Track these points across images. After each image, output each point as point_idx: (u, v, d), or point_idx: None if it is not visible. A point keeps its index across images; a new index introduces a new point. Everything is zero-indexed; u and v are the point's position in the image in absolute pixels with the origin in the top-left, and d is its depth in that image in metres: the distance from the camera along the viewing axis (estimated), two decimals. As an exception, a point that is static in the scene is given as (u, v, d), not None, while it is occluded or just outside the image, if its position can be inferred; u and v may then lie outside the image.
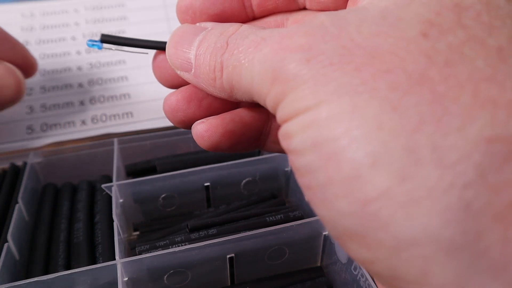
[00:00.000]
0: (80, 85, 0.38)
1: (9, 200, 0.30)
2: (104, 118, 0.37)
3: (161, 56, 0.21)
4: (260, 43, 0.15)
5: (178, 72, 0.19)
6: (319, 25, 0.14)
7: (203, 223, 0.27)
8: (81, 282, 0.23)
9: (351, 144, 0.12)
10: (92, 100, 0.37)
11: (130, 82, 0.39)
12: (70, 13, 0.42)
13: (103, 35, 0.23)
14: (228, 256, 0.25)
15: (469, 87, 0.12)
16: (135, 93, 0.38)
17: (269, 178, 0.32)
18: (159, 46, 0.21)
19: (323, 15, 0.14)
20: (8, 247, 0.25)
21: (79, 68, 0.39)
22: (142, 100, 0.38)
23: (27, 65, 0.29)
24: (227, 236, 0.25)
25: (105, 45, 0.23)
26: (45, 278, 0.22)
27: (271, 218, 0.28)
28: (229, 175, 0.31)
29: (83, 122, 0.36)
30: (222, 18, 0.20)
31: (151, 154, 0.34)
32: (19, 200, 0.28)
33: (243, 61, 0.15)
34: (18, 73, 0.26)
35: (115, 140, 0.33)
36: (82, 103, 0.37)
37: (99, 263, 0.24)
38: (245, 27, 0.17)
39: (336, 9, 0.19)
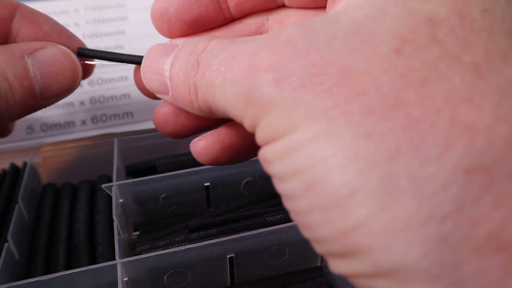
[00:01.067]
0: (80, 85, 0.38)
1: (9, 200, 0.30)
2: (104, 118, 0.37)
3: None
4: (230, 62, 0.15)
5: (158, 96, 0.19)
6: (287, 40, 0.14)
7: (203, 223, 0.27)
8: (81, 282, 0.23)
9: (328, 174, 0.12)
10: (92, 100, 0.37)
11: (130, 82, 0.38)
12: (70, 13, 0.42)
13: (79, 49, 0.23)
14: (228, 256, 0.25)
15: (446, 111, 0.11)
16: (135, 93, 0.38)
17: (269, 178, 0.32)
18: (135, 60, 0.21)
19: (291, 28, 0.14)
20: (8, 247, 0.25)
21: (79, 68, 0.39)
22: (142, 100, 0.38)
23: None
24: (227, 236, 0.25)
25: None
26: (45, 278, 0.22)
27: (271, 218, 0.28)
28: (229, 175, 0.31)
29: (83, 122, 0.36)
30: (199, 23, 0.20)
31: (151, 154, 0.34)
32: (19, 200, 0.28)
33: (215, 82, 0.15)
34: (74, 57, 0.23)
35: (115, 140, 0.33)
36: (82, 103, 0.37)
37: (99, 263, 0.24)
38: (214, 43, 0.16)
39: (315, 5, 0.19)
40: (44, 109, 0.36)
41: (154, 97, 0.22)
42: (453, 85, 0.12)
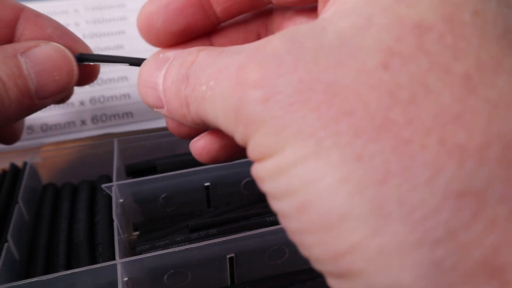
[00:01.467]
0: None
1: (9, 200, 0.30)
2: (104, 118, 0.37)
3: None
4: (218, 76, 0.14)
5: (155, 110, 0.19)
6: (273, 54, 0.13)
7: (203, 223, 0.27)
8: (81, 282, 0.23)
9: (318, 197, 0.12)
10: (92, 100, 0.37)
11: (130, 82, 0.38)
12: (70, 13, 0.42)
13: (81, 54, 0.23)
14: (228, 256, 0.25)
15: (435, 132, 0.11)
16: (135, 93, 0.38)
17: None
18: (135, 62, 0.21)
19: (277, 40, 0.14)
20: (8, 247, 0.25)
21: (79, 68, 0.39)
22: (142, 100, 0.38)
23: (87, 66, 0.26)
24: (227, 236, 0.25)
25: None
26: (45, 278, 0.22)
27: (271, 218, 0.28)
28: (229, 175, 0.31)
29: (83, 122, 0.36)
30: (188, 32, 0.19)
31: (151, 154, 0.34)
32: (19, 200, 0.28)
33: (205, 96, 0.15)
34: (68, 53, 0.23)
35: (115, 140, 0.33)
36: (82, 103, 0.37)
37: (99, 263, 0.24)
38: (203, 55, 0.16)
39: (304, 3, 0.19)
40: (44, 109, 0.36)
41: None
42: (442, 102, 0.11)
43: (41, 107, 0.23)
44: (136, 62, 0.21)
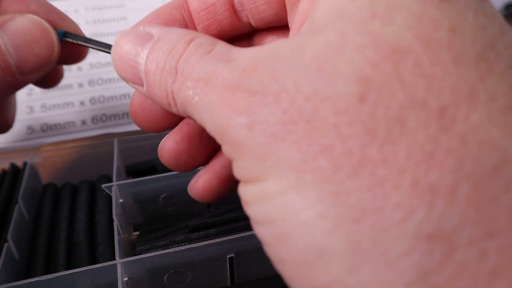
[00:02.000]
0: (80, 85, 0.38)
1: (9, 200, 0.30)
2: (104, 118, 0.37)
3: None
4: (206, 85, 0.14)
5: (131, 85, 0.18)
6: (260, 81, 0.13)
7: (203, 223, 0.27)
8: (81, 282, 0.23)
9: (297, 231, 0.12)
10: (92, 100, 0.37)
11: (130, 82, 0.39)
12: (70, 14, 0.42)
13: (65, 33, 0.23)
14: (228, 256, 0.25)
15: (409, 171, 0.11)
16: (135, 93, 0.38)
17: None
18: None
19: (262, 67, 0.13)
20: (8, 247, 0.25)
21: (79, 68, 0.39)
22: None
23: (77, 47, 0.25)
24: (227, 236, 0.25)
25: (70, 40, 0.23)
26: (45, 278, 0.22)
27: (271, 218, 0.28)
28: (229, 175, 0.31)
29: (83, 122, 0.36)
30: None
31: (151, 154, 0.34)
32: (19, 200, 0.28)
33: (192, 102, 0.14)
34: (46, 24, 0.22)
35: (115, 140, 0.33)
36: (82, 103, 0.37)
37: (99, 263, 0.24)
38: (192, 49, 0.15)
39: (278, 22, 0.19)
40: (44, 109, 0.36)
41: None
42: (416, 140, 0.11)
43: (25, 83, 0.23)
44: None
